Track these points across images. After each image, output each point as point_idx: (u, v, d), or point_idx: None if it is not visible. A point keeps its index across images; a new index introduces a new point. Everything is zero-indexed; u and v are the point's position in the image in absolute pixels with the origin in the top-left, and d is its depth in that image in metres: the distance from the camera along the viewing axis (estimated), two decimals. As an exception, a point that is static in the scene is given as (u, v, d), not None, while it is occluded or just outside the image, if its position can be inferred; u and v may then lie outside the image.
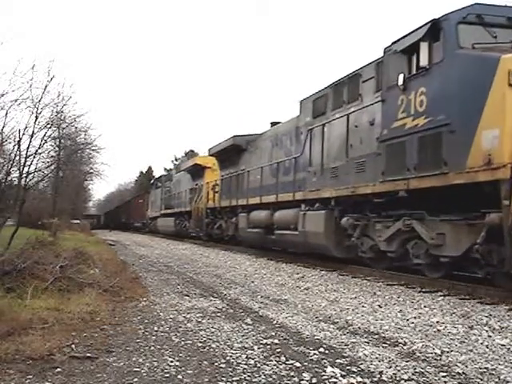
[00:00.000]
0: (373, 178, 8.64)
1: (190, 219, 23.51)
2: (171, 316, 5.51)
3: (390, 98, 8.28)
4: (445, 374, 3.60)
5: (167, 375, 3.45)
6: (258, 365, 3.71)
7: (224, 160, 18.86)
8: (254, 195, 14.74)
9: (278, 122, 15.04)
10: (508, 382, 3.47)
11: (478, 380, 3.49)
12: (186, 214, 24.40)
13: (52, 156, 17.00)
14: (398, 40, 8.21)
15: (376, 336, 4.79)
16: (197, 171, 23.30)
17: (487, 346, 4.38)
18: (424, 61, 7.43)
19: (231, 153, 17.66)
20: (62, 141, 18.42)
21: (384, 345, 4.44)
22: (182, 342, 4.35)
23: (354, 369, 3.66)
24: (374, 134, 8.71)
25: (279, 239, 13.08)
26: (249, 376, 3.44)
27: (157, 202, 34.40)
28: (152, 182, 40.70)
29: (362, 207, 9.43)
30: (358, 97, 9.61)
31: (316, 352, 4.12)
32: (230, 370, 3.58)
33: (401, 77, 7.83)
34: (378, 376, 3.51)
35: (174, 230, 27.08)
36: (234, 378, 3.39)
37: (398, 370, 3.65)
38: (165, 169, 66.89)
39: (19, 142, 11.13)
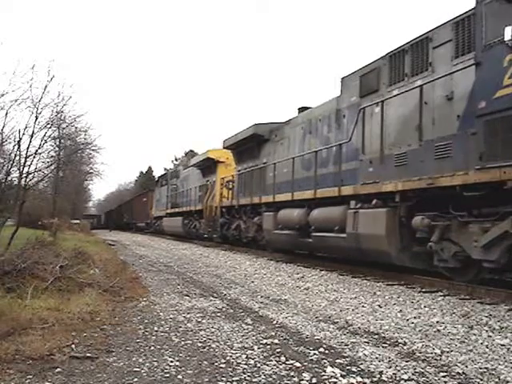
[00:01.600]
0: (463, 164, 6.76)
1: (200, 219, 21.54)
2: (171, 316, 5.51)
3: (489, 60, 6.41)
4: (445, 373, 3.60)
5: (167, 375, 3.45)
6: (258, 365, 3.71)
7: (241, 153, 16.66)
8: (283, 191, 12.56)
9: (308, 107, 12.93)
10: (508, 381, 3.47)
11: (478, 380, 3.49)
12: (196, 213, 22.47)
13: (52, 156, 17.02)
14: None
15: (376, 336, 4.79)
16: (208, 166, 21.28)
17: (487, 346, 4.37)
18: None
19: (251, 144, 15.53)
20: (62, 141, 18.43)
21: (384, 345, 4.44)
22: (182, 342, 4.35)
23: (353, 369, 3.66)
24: (454, 111, 7.09)
25: (318, 243, 10.88)
26: (249, 376, 3.44)
27: (162, 200, 32.09)
28: (157, 179, 38.27)
29: (442, 203, 7.40)
30: (428, 66, 7.76)
31: (316, 352, 4.12)
32: (230, 370, 3.58)
33: (508, 30, 6.04)
34: (378, 376, 3.51)
35: (182, 230, 24.84)
36: (234, 378, 3.39)
37: (398, 370, 3.65)
38: (165, 169, 66.91)
39: (19, 142, 11.16)
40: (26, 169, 11.69)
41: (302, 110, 13.53)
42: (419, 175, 7.60)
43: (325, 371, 3.57)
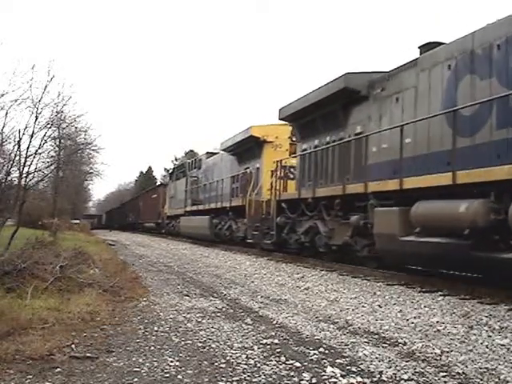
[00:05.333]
0: None
1: (237, 218, 16.99)
2: (171, 316, 5.51)
3: None
4: (445, 373, 3.60)
5: (167, 375, 3.45)
6: (258, 365, 3.71)
7: (312, 122, 11.71)
8: (416, 172, 7.78)
9: (438, 43, 8.30)
10: (508, 381, 3.46)
11: (478, 380, 3.49)
12: (231, 210, 17.38)
13: (52, 156, 17.04)
14: None
15: (376, 336, 4.79)
16: (249, 149, 16.45)
17: (487, 346, 4.37)
18: None
19: (332, 106, 10.59)
20: (62, 141, 18.44)
21: (384, 345, 4.44)
22: (182, 342, 4.35)
23: (353, 369, 3.66)
24: None
25: None
26: (249, 376, 3.44)
27: (178, 196, 26.67)
28: (171, 171, 32.58)
29: None
30: None
31: (316, 352, 4.12)
32: (230, 370, 3.58)
33: None
34: (378, 376, 3.51)
35: (209, 233, 19.40)
36: (234, 378, 3.39)
37: (398, 370, 3.65)
38: (165, 169, 66.85)
39: (19, 142, 11.18)
40: (26, 169, 11.72)
41: (426, 48, 8.55)
42: None
43: (325, 371, 3.57)
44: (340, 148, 10.41)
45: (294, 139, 14.25)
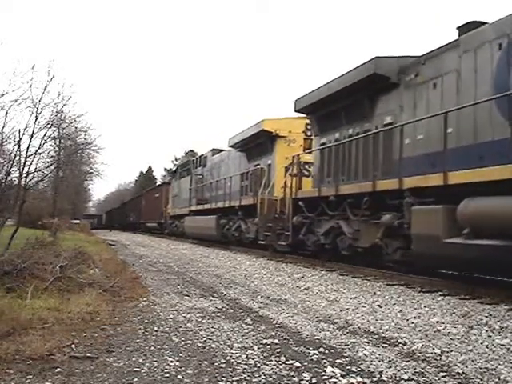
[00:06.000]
0: None
1: (246, 218, 15.83)
2: (171, 316, 5.51)
3: None
4: (445, 373, 3.60)
5: (167, 375, 3.45)
6: (258, 365, 3.71)
7: (331, 114, 10.74)
8: (475, 163, 6.63)
9: (481, 22, 7.46)
10: (508, 382, 3.46)
11: (478, 380, 3.49)
12: (241, 209, 16.28)
13: (52, 156, 17.08)
14: None
15: (376, 336, 4.79)
16: (260, 144, 15.46)
17: (487, 346, 4.37)
18: None
19: (359, 95, 9.60)
20: (62, 141, 18.48)
21: (384, 345, 4.44)
22: (182, 342, 4.35)
23: (353, 369, 3.66)
24: None
25: None
26: (249, 376, 3.44)
27: (182, 195, 25.50)
28: (174, 169, 31.53)
29: None
30: None
31: (316, 352, 4.11)
32: (230, 370, 3.58)
33: None
34: (378, 376, 3.51)
35: (216, 233, 18.40)
36: (234, 378, 3.39)
37: (398, 370, 3.64)
38: (165, 169, 66.91)
39: (19, 142, 11.20)
40: (26, 169, 11.75)
41: (466, 29, 7.65)
42: None
43: (325, 371, 3.57)
44: (366, 141, 9.34)
45: (308, 134, 13.69)
